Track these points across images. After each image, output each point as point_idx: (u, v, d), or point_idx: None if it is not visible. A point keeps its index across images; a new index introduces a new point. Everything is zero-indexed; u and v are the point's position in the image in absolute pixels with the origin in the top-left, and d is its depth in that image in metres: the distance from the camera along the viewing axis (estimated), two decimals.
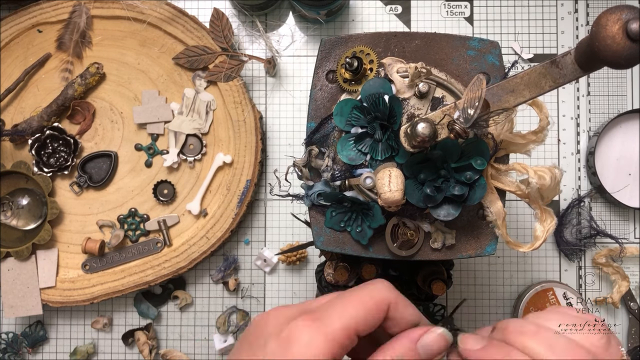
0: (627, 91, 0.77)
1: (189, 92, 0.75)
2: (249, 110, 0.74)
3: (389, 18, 0.78)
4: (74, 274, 0.75)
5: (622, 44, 0.36)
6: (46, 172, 0.74)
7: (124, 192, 0.76)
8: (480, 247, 0.50)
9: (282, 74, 0.78)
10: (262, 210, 0.77)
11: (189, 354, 0.77)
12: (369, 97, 0.48)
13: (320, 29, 0.78)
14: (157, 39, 0.75)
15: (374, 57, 0.50)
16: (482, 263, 0.76)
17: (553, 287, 0.72)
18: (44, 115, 0.74)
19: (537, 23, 0.77)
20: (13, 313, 0.74)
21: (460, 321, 0.75)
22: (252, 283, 0.77)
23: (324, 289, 0.65)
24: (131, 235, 0.75)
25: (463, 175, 0.46)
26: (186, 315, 0.77)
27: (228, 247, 0.77)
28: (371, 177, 0.47)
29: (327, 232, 0.51)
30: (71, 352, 0.77)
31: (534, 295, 0.71)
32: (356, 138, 0.48)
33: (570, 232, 0.75)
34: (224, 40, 0.74)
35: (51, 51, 0.76)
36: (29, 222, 0.74)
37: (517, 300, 0.74)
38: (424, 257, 0.50)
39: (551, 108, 0.77)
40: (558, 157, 0.76)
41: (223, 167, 0.75)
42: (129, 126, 0.76)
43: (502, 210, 0.48)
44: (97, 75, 0.75)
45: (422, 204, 0.47)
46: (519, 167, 0.48)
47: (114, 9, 0.75)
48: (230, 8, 0.78)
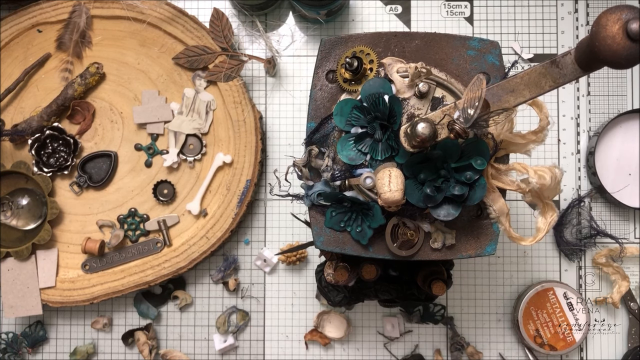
0: (627, 91, 0.77)
1: (189, 92, 0.75)
2: (249, 110, 0.74)
3: (389, 18, 0.78)
4: (74, 274, 0.75)
5: (622, 44, 0.36)
6: (46, 172, 0.74)
7: (124, 192, 0.75)
8: (480, 247, 0.50)
9: (282, 74, 0.78)
10: (262, 210, 0.77)
11: (189, 354, 0.77)
12: (369, 97, 0.48)
13: (320, 29, 0.78)
14: (157, 39, 0.75)
15: (374, 57, 0.50)
16: (482, 263, 0.76)
17: (553, 286, 0.72)
18: (43, 115, 0.74)
19: (537, 23, 0.77)
20: (13, 313, 0.74)
21: (460, 321, 0.75)
22: (252, 283, 0.77)
23: (324, 289, 0.65)
24: (131, 235, 0.75)
25: (463, 175, 0.46)
26: (186, 315, 0.77)
27: (228, 247, 0.77)
28: (371, 177, 0.47)
29: (327, 232, 0.51)
30: (71, 352, 0.76)
31: (535, 295, 0.71)
32: (356, 138, 0.48)
33: (570, 232, 0.75)
34: (224, 40, 0.74)
35: (51, 51, 0.76)
36: (29, 222, 0.74)
37: (517, 300, 0.74)
38: (424, 257, 0.50)
39: (551, 108, 0.77)
40: (558, 157, 0.76)
41: (223, 167, 0.75)
42: (129, 126, 0.76)
43: (505, 206, 0.48)
44: (97, 75, 0.75)
45: (422, 204, 0.47)
46: (519, 167, 0.48)
47: (114, 9, 0.75)
48: (230, 8, 0.78)
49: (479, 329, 0.75)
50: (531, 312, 0.71)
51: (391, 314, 0.76)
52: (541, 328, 0.72)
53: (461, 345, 0.74)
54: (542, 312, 0.71)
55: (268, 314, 0.76)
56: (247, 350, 0.76)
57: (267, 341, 0.76)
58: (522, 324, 0.71)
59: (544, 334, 0.72)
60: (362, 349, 0.76)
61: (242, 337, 0.76)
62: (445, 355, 0.75)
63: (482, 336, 0.75)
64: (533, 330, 0.71)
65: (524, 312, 0.71)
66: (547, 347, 0.71)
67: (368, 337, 0.76)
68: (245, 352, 0.76)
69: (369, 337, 0.76)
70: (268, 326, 0.76)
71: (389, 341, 0.76)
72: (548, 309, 0.71)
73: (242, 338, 0.76)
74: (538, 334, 0.71)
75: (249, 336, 0.76)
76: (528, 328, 0.71)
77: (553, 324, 0.71)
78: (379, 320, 0.76)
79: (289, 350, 0.76)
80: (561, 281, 0.75)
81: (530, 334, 0.71)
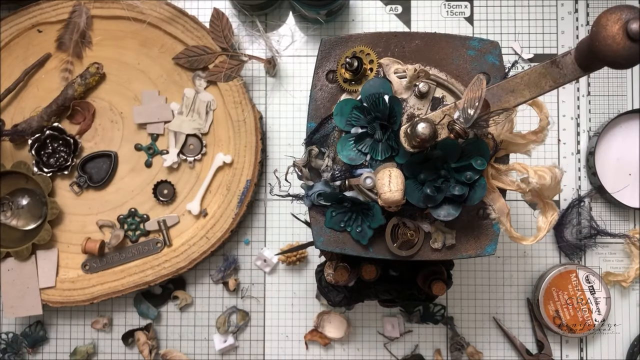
0: (627, 91, 0.77)
1: (189, 92, 0.75)
2: (249, 110, 0.74)
3: (389, 18, 0.78)
4: (74, 274, 0.75)
5: (622, 44, 0.36)
6: (46, 172, 0.74)
7: (124, 192, 0.75)
8: (480, 247, 0.50)
9: (282, 74, 0.78)
10: (262, 210, 0.77)
11: (189, 354, 0.77)
12: (369, 97, 0.48)
13: (320, 29, 0.78)
14: (157, 39, 0.75)
15: (374, 57, 0.50)
16: (482, 263, 0.76)
17: (576, 269, 0.72)
18: (43, 115, 0.74)
19: (537, 23, 0.77)
20: (13, 313, 0.74)
21: (460, 321, 0.76)
22: (252, 283, 0.77)
23: (324, 289, 0.65)
24: (131, 235, 0.75)
25: (463, 175, 0.46)
26: (186, 315, 0.77)
27: (228, 247, 0.77)
28: (371, 177, 0.47)
29: (327, 232, 0.51)
30: (71, 352, 0.76)
31: (557, 276, 0.72)
32: (356, 138, 0.48)
33: (571, 232, 0.75)
34: (224, 40, 0.74)
35: (51, 51, 0.76)
36: (29, 222, 0.74)
37: (539, 280, 0.74)
38: (424, 257, 0.50)
39: (551, 108, 0.77)
40: (558, 157, 0.76)
41: (223, 167, 0.75)
42: (129, 126, 0.76)
43: (505, 206, 0.48)
44: (97, 75, 0.75)
45: (422, 204, 0.47)
46: (519, 167, 0.48)
47: (114, 9, 0.74)
48: (230, 8, 0.78)
49: (479, 329, 0.75)
50: (552, 292, 0.72)
51: (391, 314, 0.76)
52: (561, 309, 0.72)
53: (461, 345, 0.74)
54: (563, 293, 0.72)
55: (268, 314, 0.76)
56: (247, 350, 0.76)
57: (267, 341, 0.76)
58: (542, 303, 0.72)
59: (563, 315, 0.72)
60: (362, 349, 0.76)
61: (242, 337, 0.76)
62: (445, 355, 0.75)
63: (482, 336, 0.75)
64: (553, 311, 0.72)
65: (545, 291, 0.72)
66: (565, 329, 0.72)
67: (368, 337, 0.76)
68: (245, 352, 0.76)
69: (369, 337, 0.76)
70: (268, 326, 0.76)
71: (389, 341, 0.76)
72: (569, 290, 0.72)
73: (242, 338, 0.76)
74: (557, 315, 0.72)
75: (249, 336, 0.76)
76: (548, 308, 0.72)
77: (573, 306, 0.72)
78: (379, 320, 0.76)
79: (289, 350, 0.76)
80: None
81: (550, 315, 0.72)
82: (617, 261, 0.75)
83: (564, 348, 0.75)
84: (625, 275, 0.74)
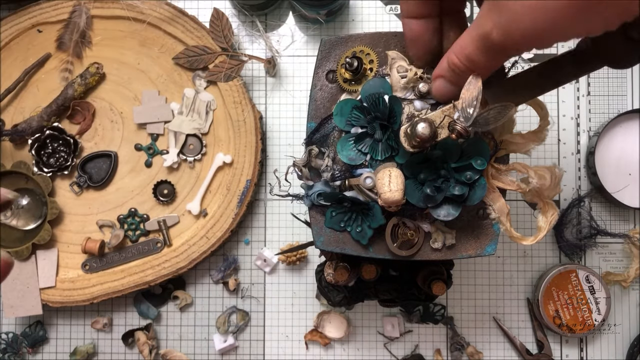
0: (627, 91, 0.77)
1: (189, 92, 0.75)
2: (249, 110, 0.74)
3: (389, 18, 0.78)
4: (74, 274, 0.75)
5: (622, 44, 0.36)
6: (46, 172, 0.74)
7: (124, 192, 0.75)
8: (480, 247, 0.50)
9: (282, 74, 0.78)
10: (262, 210, 0.77)
11: (188, 354, 0.77)
12: (369, 97, 0.48)
13: (320, 29, 0.78)
14: (157, 39, 0.75)
15: (374, 57, 0.50)
16: (482, 263, 0.76)
17: (576, 269, 0.72)
18: (43, 115, 0.74)
19: None
20: (13, 313, 0.73)
21: (460, 321, 0.75)
22: (252, 283, 0.77)
23: (324, 289, 0.65)
24: (131, 235, 0.75)
25: (463, 175, 0.46)
26: (186, 315, 0.77)
27: (228, 247, 0.77)
28: (371, 177, 0.47)
29: (327, 232, 0.51)
30: (71, 352, 0.76)
31: (557, 276, 0.72)
32: (356, 138, 0.48)
33: (571, 232, 0.75)
34: (224, 40, 0.74)
35: (51, 51, 0.76)
36: (29, 222, 0.74)
37: (539, 280, 0.74)
38: (424, 257, 0.50)
39: (551, 108, 0.77)
40: (558, 157, 0.76)
41: (223, 167, 0.75)
42: (129, 126, 0.76)
43: (505, 206, 0.48)
44: (97, 75, 0.75)
45: (422, 204, 0.47)
46: (519, 167, 0.48)
47: (114, 9, 0.74)
48: (230, 8, 0.78)
49: (479, 328, 0.75)
50: (552, 292, 0.72)
51: (391, 314, 0.76)
52: (561, 309, 0.72)
53: (461, 345, 0.74)
54: (563, 293, 0.72)
55: (268, 314, 0.76)
56: (247, 350, 0.76)
57: (267, 341, 0.76)
58: (542, 303, 0.72)
59: (563, 315, 0.72)
60: (362, 349, 0.76)
61: (242, 337, 0.76)
62: (445, 355, 0.75)
63: (482, 336, 0.75)
64: (553, 311, 0.72)
65: (545, 291, 0.72)
66: (565, 329, 0.72)
67: (368, 337, 0.76)
68: (245, 352, 0.76)
69: (369, 337, 0.76)
70: (268, 326, 0.76)
71: (389, 341, 0.76)
72: (569, 290, 0.72)
73: (242, 338, 0.76)
74: (557, 314, 0.72)
75: (249, 336, 0.76)
76: (548, 308, 0.72)
77: (573, 306, 0.72)
78: (379, 320, 0.76)
79: (289, 350, 0.76)
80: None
81: (550, 315, 0.72)
82: (617, 261, 0.75)
83: (564, 348, 0.75)
84: (625, 275, 0.74)
